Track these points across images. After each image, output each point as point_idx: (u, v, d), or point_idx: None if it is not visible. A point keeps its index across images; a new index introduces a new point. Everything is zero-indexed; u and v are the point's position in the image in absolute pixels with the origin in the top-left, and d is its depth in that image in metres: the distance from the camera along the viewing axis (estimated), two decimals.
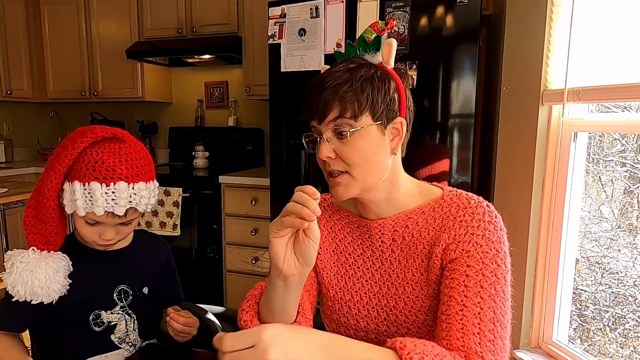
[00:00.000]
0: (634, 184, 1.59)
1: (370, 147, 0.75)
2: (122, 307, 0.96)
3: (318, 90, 0.74)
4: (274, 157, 2.21)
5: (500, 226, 0.76)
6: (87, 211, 0.82)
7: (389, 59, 0.79)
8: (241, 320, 0.74)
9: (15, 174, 2.90)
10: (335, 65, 0.77)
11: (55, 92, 3.29)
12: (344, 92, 0.72)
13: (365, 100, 0.73)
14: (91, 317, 0.93)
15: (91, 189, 0.80)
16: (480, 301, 0.68)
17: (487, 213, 0.76)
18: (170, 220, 2.58)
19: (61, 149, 0.82)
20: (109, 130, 0.83)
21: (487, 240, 0.73)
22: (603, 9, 1.44)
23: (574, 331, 1.73)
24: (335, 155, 0.75)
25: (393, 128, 0.77)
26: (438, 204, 0.80)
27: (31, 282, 0.82)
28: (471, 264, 0.72)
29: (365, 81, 0.74)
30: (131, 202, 0.84)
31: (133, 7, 2.94)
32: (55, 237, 0.85)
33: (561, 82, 1.54)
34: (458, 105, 1.82)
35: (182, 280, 1.15)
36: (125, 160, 0.83)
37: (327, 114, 0.73)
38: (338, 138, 0.74)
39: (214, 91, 3.22)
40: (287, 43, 2.06)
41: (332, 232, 0.89)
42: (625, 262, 1.59)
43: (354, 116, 0.73)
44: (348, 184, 0.76)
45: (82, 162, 0.81)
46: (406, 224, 0.80)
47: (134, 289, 0.99)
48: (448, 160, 1.86)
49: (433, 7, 1.79)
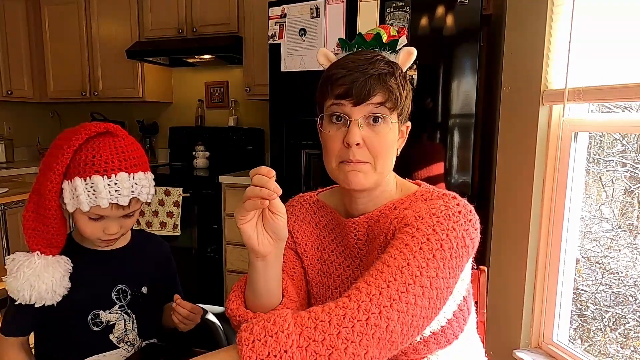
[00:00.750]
0: (635, 184, 1.59)
1: (394, 142, 0.76)
2: (120, 307, 0.96)
3: (360, 73, 0.72)
4: (274, 157, 2.21)
5: (461, 224, 0.70)
6: (91, 205, 0.82)
7: (405, 66, 0.80)
8: (228, 309, 0.74)
9: (15, 174, 2.90)
10: (363, 52, 0.76)
11: (55, 92, 3.29)
12: (392, 83, 0.73)
13: (403, 98, 0.75)
14: (90, 316, 0.93)
15: (93, 182, 0.81)
16: (398, 273, 0.63)
17: (447, 207, 0.71)
18: (171, 220, 2.58)
19: (55, 149, 0.82)
20: (101, 126, 0.84)
21: (433, 231, 0.68)
22: (603, 9, 1.44)
23: (575, 331, 1.73)
24: (362, 144, 0.73)
25: (400, 130, 0.79)
26: (409, 199, 0.79)
27: (38, 286, 0.82)
28: (409, 243, 0.67)
29: (403, 79, 0.76)
30: (133, 192, 0.85)
31: (133, 7, 2.95)
32: (58, 239, 0.85)
33: (561, 82, 1.54)
34: (458, 105, 1.82)
35: (183, 280, 1.15)
36: (122, 152, 0.85)
37: (370, 98, 0.72)
38: (370, 126, 0.73)
39: (215, 91, 3.22)
40: (288, 43, 2.06)
41: (317, 229, 0.89)
42: (626, 262, 1.59)
43: (393, 108, 0.74)
44: (368, 172, 0.75)
45: (79, 159, 0.82)
46: (378, 219, 0.79)
47: (133, 288, 0.99)
48: (448, 160, 1.86)
49: (433, 7, 1.79)
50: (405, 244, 0.67)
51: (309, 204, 0.91)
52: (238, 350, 0.57)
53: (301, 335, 0.57)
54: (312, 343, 0.56)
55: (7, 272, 0.83)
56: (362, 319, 0.58)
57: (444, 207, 0.71)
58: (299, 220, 0.90)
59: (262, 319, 0.59)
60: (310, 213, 0.90)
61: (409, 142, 0.84)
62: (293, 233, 0.89)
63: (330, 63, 0.79)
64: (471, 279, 0.88)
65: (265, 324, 0.58)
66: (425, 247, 0.66)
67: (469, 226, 0.71)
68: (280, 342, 0.56)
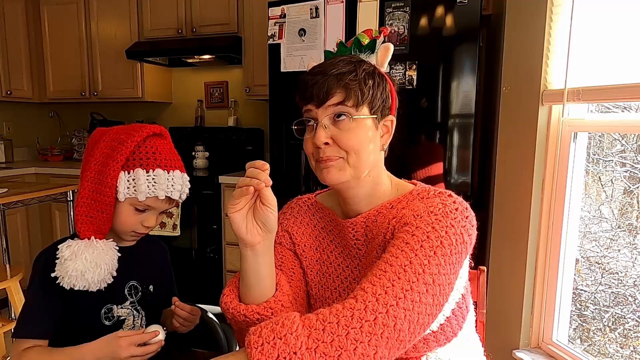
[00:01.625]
0: (634, 184, 1.59)
1: (366, 137, 0.77)
2: (131, 303, 0.98)
3: (320, 75, 0.75)
4: (273, 158, 2.21)
5: (459, 221, 0.70)
6: (148, 196, 0.89)
7: (384, 62, 0.82)
8: (222, 303, 0.75)
9: (15, 174, 2.90)
10: (333, 58, 0.79)
11: (55, 92, 3.29)
12: (349, 80, 0.74)
13: (367, 92, 0.76)
14: (103, 310, 0.95)
15: (156, 174, 0.89)
16: (401, 272, 0.63)
17: (444, 204, 0.72)
18: (170, 221, 2.58)
19: (116, 142, 0.88)
20: (157, 128, 0.93)
21: (432, 229, 0.68)
22: (603, 9, 1.45)
23: (574, 331, 1.73)
24: (332, 142, 0.76)
25: (384, 125, 0.81)
26: (405, 198, 0.80)
27: (102, 268, 0.87)
28: (410, 242, 0.67)
29: (367, 74, 0.76)
30: (182, 189, 0.93)
31: (133, 7, 2.95)
32: (107, 225, 0.90)
33: (561, 82, 1.54)
34: (458, 105, 1.82)
35: (183, 280, 1.16)
36: (172, 153, 0.94)
37: (329, 99, 0.74)
38: (336, 124, 0.76)
39: (214, 91, 3.22)
40: (287, 43, 2.06)
41: (316, 230, 0.89)
42: (625, 262, 1.59)
43: (356, 105, 0.75)
44: (341, 167, 0.77)
45: (140, 153, 0.89)
46: (376, 219, 0.80)
47: (142, 285, 1.01)
48: (448, 160, 1.86)
49: (433, 7, 1.80)
50: (406, 243, 0.67)
51: (307, 206, 0.92)
52: (247, 353, 0.57)
53: (310, 337, 0.57)
54: (321, 344, 0.56)
55: (62, 260, 0.85)
56: (369, 319, 0.58)
57: (442, 204, 0.72)
58: (297, 221, 0.91)
59: (271, 322, 0.59)
60: (308, 214, 0.91)
61: (408, 142, 0.84)
62: (292, 234, 0.90)
63: None
64: (471, 279, 0.88)
65: (273, 326, 0.58)
66: (426, 244, 0.67)
67: (467, 223, 0.72)
68: (289, 344, 0.56)
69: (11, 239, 2.62)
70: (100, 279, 0.88)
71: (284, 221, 0.91)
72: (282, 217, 0.93)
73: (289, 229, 0.90)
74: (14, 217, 2.86)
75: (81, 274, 0.85)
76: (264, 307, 0.72)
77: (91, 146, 0.93)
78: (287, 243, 0.90)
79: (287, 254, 0.88)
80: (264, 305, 0.72)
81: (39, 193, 2.10)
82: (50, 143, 3.63)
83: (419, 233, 0.68)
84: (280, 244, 0.90)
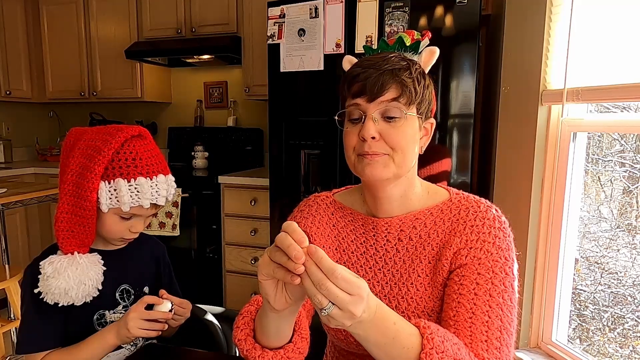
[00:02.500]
0: (633, 184, 1.59)
1: (413, 137, 0.76)
2: (124, 307, 0.97)
3: (374, 69, 0.73)
4: (273, 158, 2.21)
5: (509, 232, 0.77)
6: (132, 206, 0.85)
7: (428, 65, 0.81)
8: (235, 338, 0.73)
9: (14, 174, 2.90)
10: (383, 53, 0.78)
11: (54, 92, 3.28)
12: (405, 77, 0.73)
13: (419, 92, 0.75)
14: (95, 316, 0.93)
15: (139, 183, 0.85)
16: (489, 309, 0.70)
17: (496, 219, 0.77)
18: (170, 221, 2.58)
19: (92, 150, 0.84)
20: (136, 129, 0.88)
21: (497, 248, 0.74)
22: (602, 9, 1.45)
23: (574, 331, 1.73)
24: (379, 137, 0.74)
25: (424, 127, 0.80)
26: (446, 207, 0.80)
27: (86, 284, 0.85)
28: (482, 272, 0.73)
29: (420, 74, 0.76)
30: (167, 193, 0.90)
31: (132, 7, 2.94)
32: (90, 238, 0.87)
33: (560, 82, 1.55)
34: (457, 105, 1.82)
35: (182, 280, 1.15)
36: (156, 155, 0.90)
37: (383, 94, 0.73)
38: (386, 120, 0.74)
39: (213, 91, 3.22)
40: (287, 43, 2.06)
41: (335, 230, 0.88)
42: (625, 262, 1.59)
43: (408, 103, 0.74)
44: (386, 164, 0.75)
45: (119, 161, 0.84)
46: (413, 225, 0.80)
47: (136, 288, 0.99)
48: (448, 160, 1.86)
49: (432, 7, 1.80)
50: (477, 283, 0.72)
51: (326, 204, 0.91)
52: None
53: None
54: None
55: (44, 276, 0.83)
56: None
57: (502, 232, 0.76)
58: (316, 221, 0.89)
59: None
60: (327, 213, 0.90)
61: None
62: (310, 235, 0.88)
63: None
64: None
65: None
66: (496, 281, 0.72)
67: (510, 233, 0.78)
68: None
69: (10, 239, 2.62)
70: (85, 295, 0.85)
71: (301, 221, 0.90)
72: (299, 215, 0.91)
73: (306, 230, 0.88)
74: (13, 217, 2.85)
75: (64, 292, 0.83)
76: (281, 357, 0.70)
77: (66, 152, 0.88)
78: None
79: None
80: (282, 354, 0.70)
81: (38, 193, 2.10)
82: (49, 143, 3.63)
83: (497, 281, 0.72)
84: None
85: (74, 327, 0.92)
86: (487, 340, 0.68)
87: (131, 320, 0.85)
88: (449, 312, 0.72)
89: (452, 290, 0.74)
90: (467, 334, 0.69)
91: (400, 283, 0.80)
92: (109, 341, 0.88)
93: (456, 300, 0.72)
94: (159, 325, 0.88)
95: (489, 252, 0.74)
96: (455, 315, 0.71)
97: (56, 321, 0.89)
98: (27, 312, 0.89)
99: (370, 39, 1.90)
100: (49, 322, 0.89)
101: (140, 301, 0.87)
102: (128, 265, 0.99)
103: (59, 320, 0.89)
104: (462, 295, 0.72)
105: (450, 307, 0.72)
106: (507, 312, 0.71)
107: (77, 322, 0.92)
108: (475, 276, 0.72)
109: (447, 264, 0.76)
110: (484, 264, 0.73)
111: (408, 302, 0.79)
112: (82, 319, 0.92)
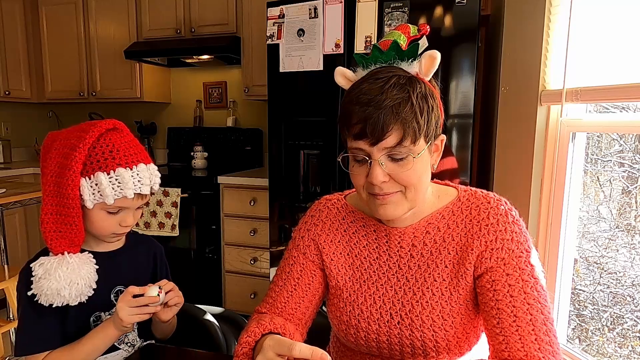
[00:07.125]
0: (632, 184, 1.59)
1: (424, 170, 0.74)
2: None
3: (373, 107, 0.67)
4: (272, 158, 2.21)
5: (522, 223, 0.78)
6: (116, 198, 0.85)
7: (429, 73, 0.74)
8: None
9: (13, 175, 2.89)
10: (377, 75, 0.71)
11: (53, 93, 3.28)
12: (406, 114, 0.68)
13: (424, 121, 0.70)
14: (92, 318, 0.93)
15: (119, 174, 0.84)
16: (529, 307, 0.70)
17: (508, 213, 0.77)
18: (169, 221, 2.58)
19: (68, 149, 0.83)
20: (110, 123, 0.88)
21: (517, 243, 0.74)
22: (601, 9, 1.45)
23: (573, 331, 1.73)
24: (389, 179, 0.71)
25: (434, 144, 0.76)
26: (456, 207, 0.80)
27: (78, 283, 0.84)
28: (510, 272, 0.72)
29: (422, 100, 0.70)
30: (151, 182, 0.90)
31: (132, 8, 2.94)
32: (79, 237, 0.87)
33: (559, 82, 1.55)
34: (457, 105, 1.82)
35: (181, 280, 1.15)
36: (134, 145, 0.89)
37: (385, 137, 0.68)
38: (393, 161, 0.71)
39: (213, 91, 3.22)
40: (286, 43, 2.06)
41: (347, 235, 0.87)
42: (624, 262, 1.60)
43: (414, 141, 0.69)
44: (398, 202, 0.74)
45: (96, 155, 0.84)
46: (427, 230, 0.80)
47: None
48: (447, 160, 1.86)
49: (432, 7, 1.80)
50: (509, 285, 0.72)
51: (337, 209, 0.89)
52: None
53: None
54: None
55: (36, 278, 0.83)
56: None
57: (516, 226, 0.76)
58: (326, 227, 0.88)
59: None
60: (338, 218, 0.88)
61: None
62: (319, 243, 0.87)
63: (349, 82, 0.76)
64: None
65: None
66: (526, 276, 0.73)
67: (522, 224, 0.79)
68: None
69: (9, 239, 2.62)
70: (79, 294, 0.85)
71: (311, 227, 0.89)
72: (310, 221, 0.90)
73: (316, 237, 0.87)
74: (13, 217, 2.85)
75: (57, 292, 0.82)
76: None
77: (44, 155, 0.88)
78: (311, 254, 0.87)
79: (308, 267, 0.87)
80: None
81: (37, 193, 2.10)
82: None
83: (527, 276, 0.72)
84: (305, 254, 0.88)
85: (71, 329, 0.92)
86: (537, 339, 0.68)
87: (121, 310, 0.85)
88: (492, 320, 0.72)
89: (487, 298, 0.73)
90: (516, 338, 0.69)
91: (415, 288, 0.79)
92: (110, 333, 0.88)
93: (495, 308, 0.72)
94: (150, 309, 0.88)
95: (510, 249, 0.74)
96: (499, 322, 0.71)
97: (53, 322, 0.89)
98: (24, 315, 0.89)
99: (369, 39, 1.90)
100: (46, 323, 0.88)
101: (126, 291, 0.87)
102: (123, 266, 0.99)
103: (56, 321, 0.89)
104: (499, 301, 0.72)
105: (491, 315, 0.72)
106: (545, 302, 0.71)
107: (74, 324, 0.92)
108: (505, 278, 0.72)
109: (470, 267, 0.75)
110: (510, 263, 0.73)
111: (423, 307, 0.78)
112: (78, 322, 0.92)
